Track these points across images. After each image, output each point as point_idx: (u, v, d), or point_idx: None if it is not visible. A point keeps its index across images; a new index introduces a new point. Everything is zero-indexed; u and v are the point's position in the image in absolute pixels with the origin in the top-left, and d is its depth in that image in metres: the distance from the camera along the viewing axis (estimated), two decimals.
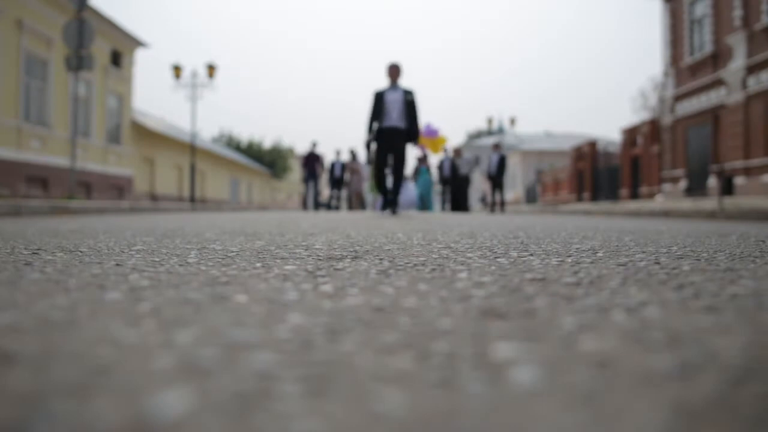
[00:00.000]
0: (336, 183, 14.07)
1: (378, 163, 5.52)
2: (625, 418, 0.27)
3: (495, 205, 11.01)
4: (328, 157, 15.13)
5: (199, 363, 0.35)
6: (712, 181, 12.56)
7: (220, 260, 0.93)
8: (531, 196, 24.65)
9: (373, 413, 0.27)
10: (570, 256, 1.02)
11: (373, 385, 0.31)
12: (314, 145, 13.54)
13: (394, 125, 5.58)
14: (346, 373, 0.33)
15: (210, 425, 0.26)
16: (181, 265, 0.85)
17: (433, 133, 14.55)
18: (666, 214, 6.25)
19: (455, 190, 11.87)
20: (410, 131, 5.61)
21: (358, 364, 0.35)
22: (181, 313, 0.50)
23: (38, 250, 1.10)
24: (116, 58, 15.89)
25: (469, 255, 1.04)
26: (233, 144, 32.30)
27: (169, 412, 0.27)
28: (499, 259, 0.95)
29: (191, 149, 15.77)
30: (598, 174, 20.34)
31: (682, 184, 14.50)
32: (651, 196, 15.79)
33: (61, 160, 12.30)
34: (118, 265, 0.86)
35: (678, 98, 15.13)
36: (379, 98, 5.75)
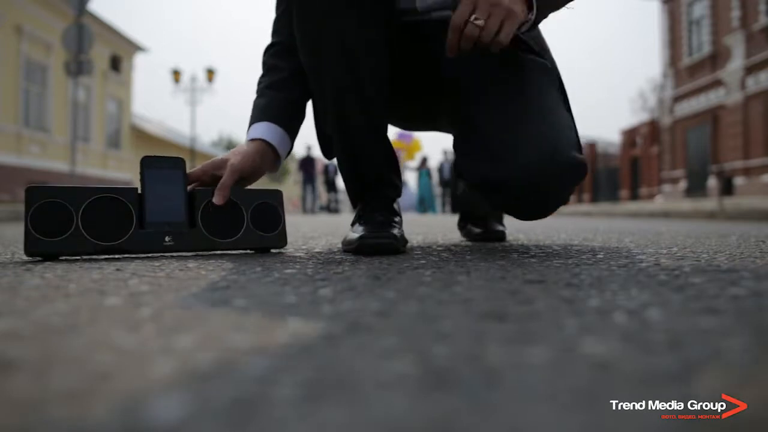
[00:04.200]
0: (330, 186, 14.06)
1: None
2: (627, 420, 0.27)
3: None
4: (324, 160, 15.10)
5: (199, 368, 0.35)
6: (712, 182, 12.55)
7: (219, 264, 0.93)
8: None
9: (373, 418, 0.27)
10: (570, 257, 1.02)
11: (372, 389, 0.31)
12: (309, 148, 13.55)
13: None
14: (346, 378, 0.33)
15: (210, 431, 0.26)
16: (181, 270, 0.85)
17: (408, 138, 14.40)
18: (666, 214, 6.25)
19: (455, 192, 11.89)
20: None
21: (357, 368, 0.35)
22: (181, 318, 0.50)
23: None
24: (115, 63, 15.92)
25: (469, 257, 1.04)
26: (233, 148, 32.28)
27: (169, 418, 0.27)
28: (499, 261, 0.95)
29: (191, 153, 15.80)
30: (598, 175, 20.33)
31: (682, 184, 14.49)
32: (651, 196, 15.78)
33: (61, 165, 12.31)
34: (118, 270, 0.86)
35: (677, 99, 15.12)
36: None
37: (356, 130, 1.17)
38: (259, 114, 1.21)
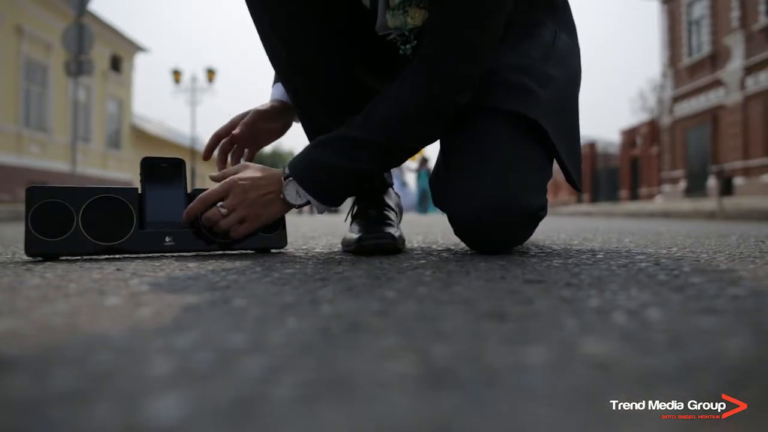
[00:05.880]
0: None
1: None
2: (627, 420, 0.27)
3: None
4: None
5: (198, 368, 0.35)
6: (712, 182, 12.54)
7: (220, 264, 0.93)
8: None
9: (372, 418, 0.27)
10: (570, 257, 1.02)
11: (372, 389, 0.31)
12: None
13: None
14: (345, 378, 0.33)
15: (209, 430, 0.26)
16: (181, 270, 0.85)
17: None
18: (666, 214, 6.25)
19: None
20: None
21: (357, 368, 0.35)
22: (181, 317, 0.50)
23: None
24: (116, 63, 15.90)
25: (470, 257, 1.04)
26: None
27: (169, 417, 0.27)
28: (499, 261, 0.95)
29: (191, 153, 15.80)
30: (598, 175, 20.31)
31: (682, 184, 14.47)
32: (650, 197, 15.77)
33: (61, 165, 12.30)
34: (118, 270, 0.86)
35: (677, 99, 15.10)
36: None
37: (313, 113, 1.20)
38: (275, 76, 1.28)
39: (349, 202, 1.33)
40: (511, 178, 1.00)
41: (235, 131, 1.21)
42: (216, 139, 1.23)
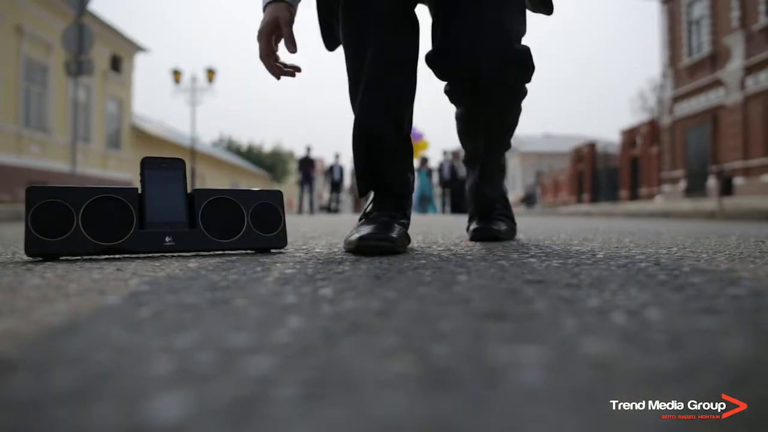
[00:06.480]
0: (335, 186, 14.04)
1: None
2: (627, 420, 0.27)
3: None
4: (328, 160, 15.26)
5: (198, 368, 0.35)
6: (712, 182, 12.53)
7: (220, 264, 0.93)
8: (531, 199, 24.60)
9: (372, 417, 0.27)
10: (570, 257, 1.02)
11: (372, 389, 0.31)
12: (308, 150, 13.51)
13: None
14: (346, 378, 0.33)
15: (210, 430, 0.26)
16: (181, 270, 0.85)
17: (417, 137, 14.56)
18: (666, 214, 6.25)
19: (455, 192, 11.83)
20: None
21: (357, 368, 0.35)
22: (181, 317, 0.50)
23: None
24: (116, 63, 15.88)
25: (469, 257, 1.04)
26: (233, 148, 32.47)
27: (169, 417, 0.27)
28: (499, 261, 0.95)
29: (191, 153, 15.78)
30: (598, 175, 20.30)
31: (682, 184, 14.46)
32: (650, 197, 15.75)
33: (61, 165, 12.29)
34: (118, 270, 0.86)
35: (676, 99, 15.09)
36: None
37: (377, 127, 1.23)
38: None
39: (349, 207, 1.33)
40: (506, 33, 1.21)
41: (292, 49, 1.26)
42: (268, 57, 1.27)
